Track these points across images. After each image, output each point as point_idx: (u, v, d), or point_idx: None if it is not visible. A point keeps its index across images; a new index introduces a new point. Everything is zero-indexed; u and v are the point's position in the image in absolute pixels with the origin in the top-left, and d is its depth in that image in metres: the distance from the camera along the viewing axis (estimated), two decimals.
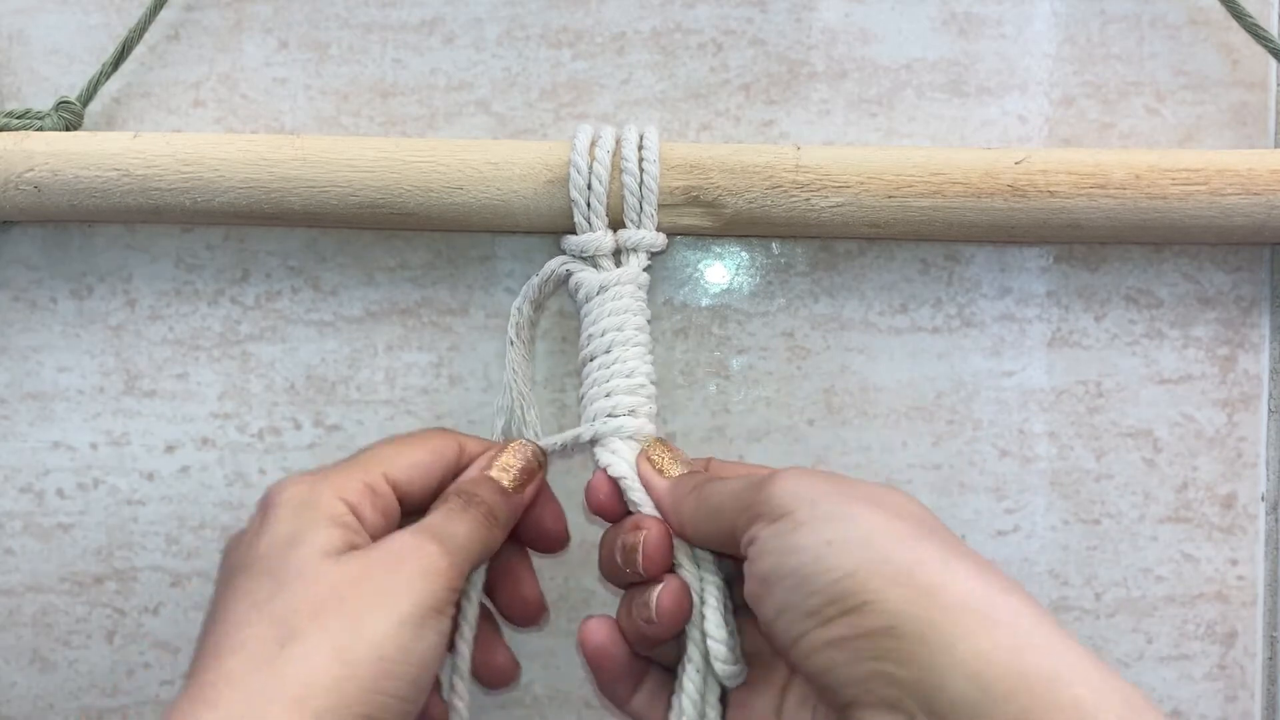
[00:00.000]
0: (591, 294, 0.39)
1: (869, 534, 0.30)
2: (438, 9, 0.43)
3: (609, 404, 0.38)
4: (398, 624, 0.32)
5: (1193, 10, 0.43)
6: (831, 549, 0.30)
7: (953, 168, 0.39)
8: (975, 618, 0.27)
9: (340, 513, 0.35)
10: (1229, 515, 0.43)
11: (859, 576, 0.29)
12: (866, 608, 0.28)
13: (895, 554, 0.29)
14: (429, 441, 0.38)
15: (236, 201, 0.39)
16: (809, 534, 0.30)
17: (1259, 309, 0.43)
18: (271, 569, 0.34)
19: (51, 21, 0.43)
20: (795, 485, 0.32)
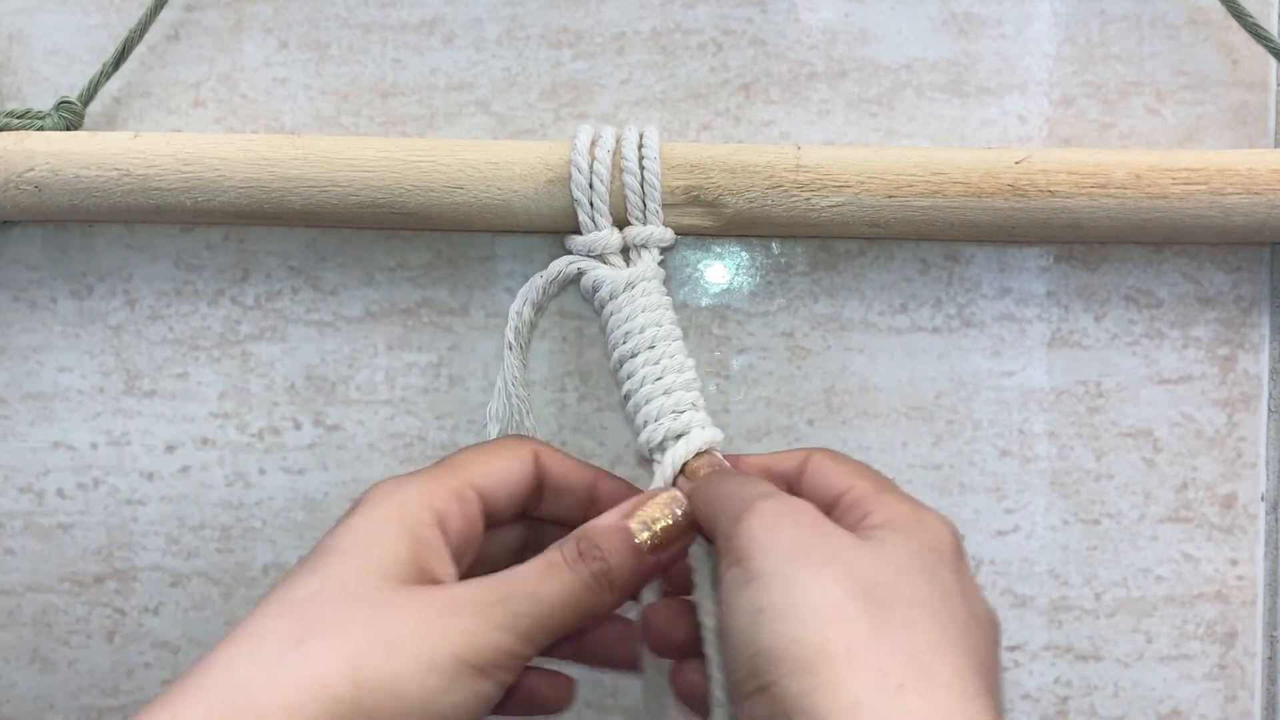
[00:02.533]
0: (617, 291, 0.39)
1: (797, 608, 0.28)
2: (438, 9, 0.43)
3: (671, 401, 0.38)
4: (425, 667, 0.29)
5: (1193, 10, 0.43)
6: (758, 619, 0.28)
7: (953, 168, 0.39)
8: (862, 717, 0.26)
9: (422, 522, 0.33)
10: (1229, 515, 0.43)
11: (770, 657, 0.28)
12: (771, 690, 0.27)
13: (808, 638, 0.28)
14: (508, 449, 0.36)
15: (237, 201, 0.39)
16: (747, 595, 0.29)
17: (1259, 309, 0.43)
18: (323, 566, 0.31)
19: (51, 21, 0.43)
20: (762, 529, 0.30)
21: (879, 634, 0.28)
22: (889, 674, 0.27)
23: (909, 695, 0.27)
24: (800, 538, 0.30)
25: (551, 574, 0.32)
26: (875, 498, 0.34)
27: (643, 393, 0.38)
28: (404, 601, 0.31)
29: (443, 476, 0.34)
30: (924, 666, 0.28)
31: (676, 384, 0.38)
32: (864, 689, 0.27)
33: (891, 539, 0.32)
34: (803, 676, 0.27)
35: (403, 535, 0.32)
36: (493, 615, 0.31)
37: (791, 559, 0.30)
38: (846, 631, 0.28)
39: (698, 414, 0.38)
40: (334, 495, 0.44)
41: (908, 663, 0.28)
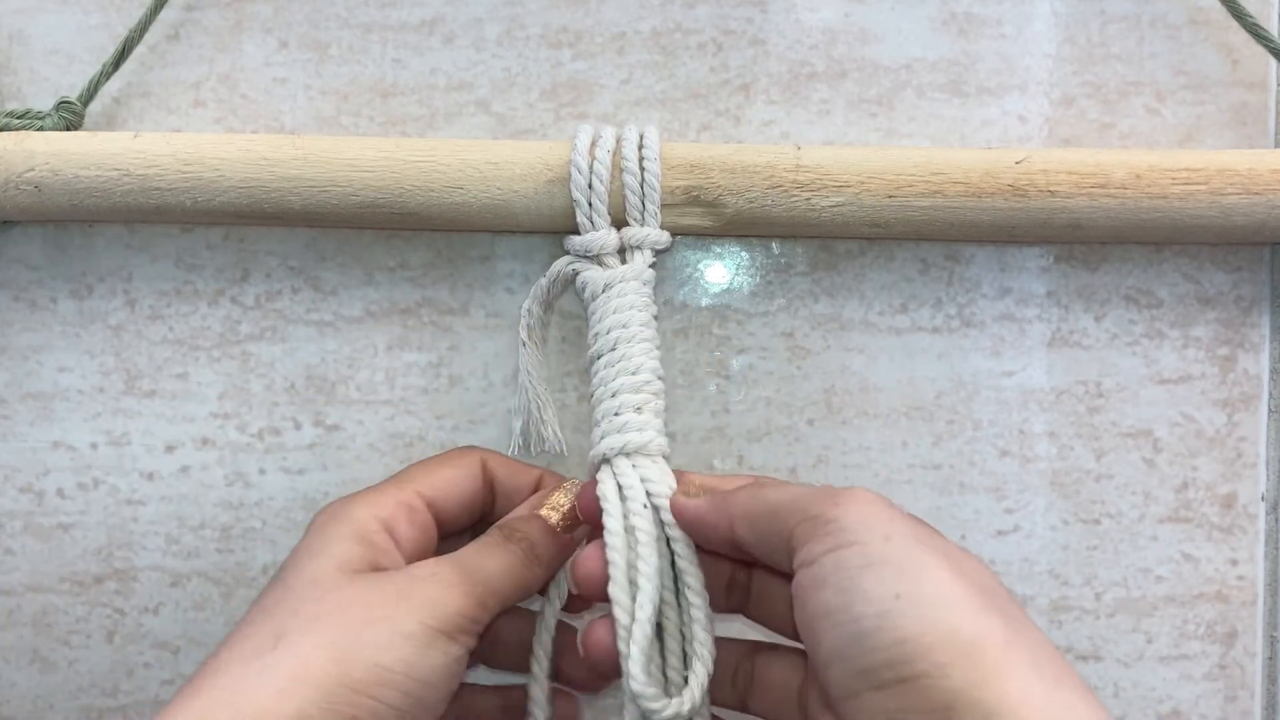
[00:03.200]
0: (597, 292, 0.39)
1: (940, 596, 0.27)
2: (438, 9, 0.43)
3: (614, 404, 0.38)
4: (400, 637, 0.32)
5: (1193, 10, 0.43)
6: (899, 605, 0.27)
7: (953, 168, 0.39)
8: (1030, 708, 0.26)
9: (369, 529, 0.35)
10: (1229, 515, 0.43)
11: (923, 644, 0.27)
12: (925, 681, 0.26)
13: (964, 626, 0.27)
14: (455, 459, 0.39)
15: (237, 201, 0.39)
16: (877, 580, 0.28)
17: (1259, 309, 0.43)
18: (285, 578, 0.34)
19: (51, 21, 0.43)
20: (870, 513, 0.30)
21: (1015, 629, 0.28)
22: (1044, 669, 0.27)
23: (1065, 690, 0.27)
24: (912, 526, 0.30)
25: (489, 551, 0.36)
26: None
27: (596, 395, 0.39)
28: (367, 584, 0.33)
29: (388, 489, 0.37)
30: (1060, 663, 0.28)
31: (625, 387, 0.38)
32: (1028, 681, 0.26)
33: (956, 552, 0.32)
34: (964, 667, 0.26)
35: (353, 539, 0.34)
36: (448, 583, 0.33)
37: (917, 545, 0.29)
38: (994, 624, 0.27)
39: (639, 417, 0.38)
40: (334, 495, 0.44)
41: (1050, 660, 0.28)
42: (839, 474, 0.43)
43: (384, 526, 0.35)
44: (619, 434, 0.38)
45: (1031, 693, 0.26)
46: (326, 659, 0.31)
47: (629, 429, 0.38)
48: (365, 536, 0.35)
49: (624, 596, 0.35)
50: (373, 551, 0.34)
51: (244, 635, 0.32)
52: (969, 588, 0.28)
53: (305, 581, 0.33)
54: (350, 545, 0.34)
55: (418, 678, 0.32)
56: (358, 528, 0.35)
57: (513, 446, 0.42)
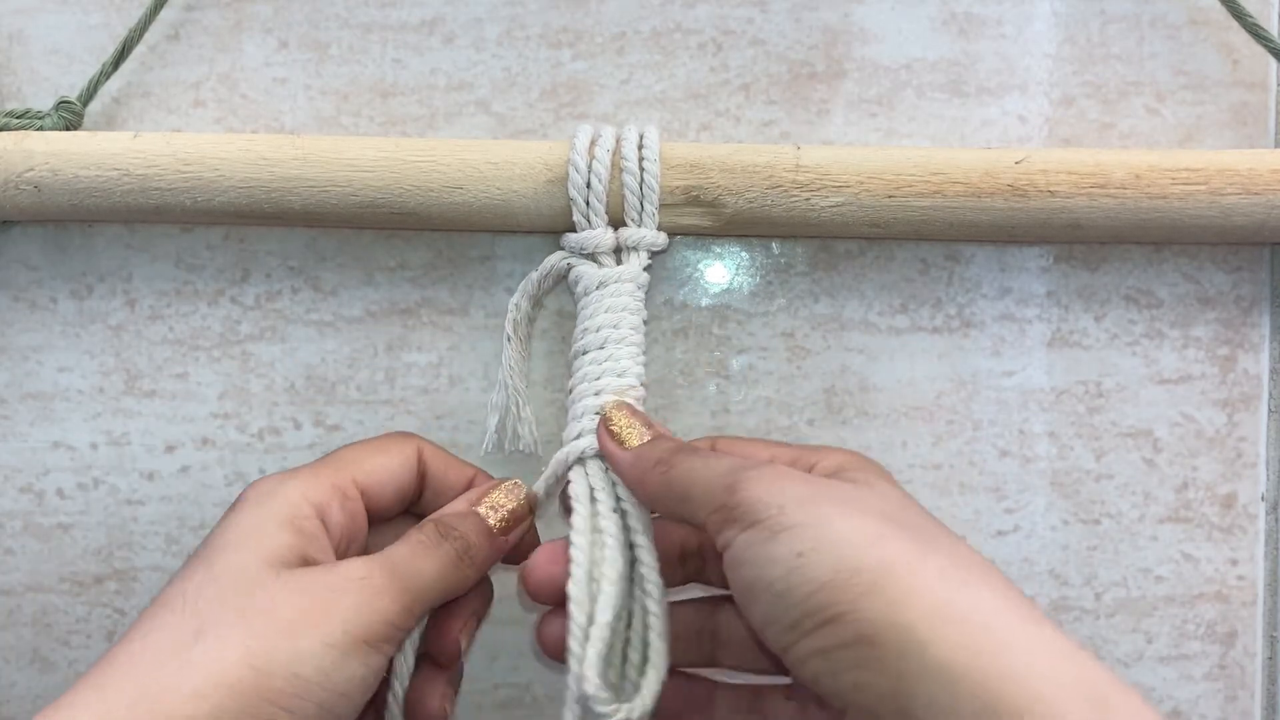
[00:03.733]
0: (590, 289, 0.39)
1: (839, 542, 0.29)
2: (438, 9, 0.43)
3: (596, 402, 0.38)
4: (322, 645, 0.31)
5: (1193, 10, 0.43)
6: (804, 561, 0.29)
7: (953, 168, 0.39)
8: (943, 620, 0.27)
9: (302, 515, 0.34)
10: (1229, 515, 0.43)
11: (832, 588, 0.29)
12: (842, 619, 0.28)
13: (865, 562, 0.29)
14: (391, 445, 0.38)
15: (236, 201, 0.39)
16: (782, 545, 0.30)
17: (1259, 309, 0.43)
18: (211, 560, 0.33)
19: (51, 21, 0.43)
20: (766, 490, 0.31)
21: (923, 549, 0.29)
22: (951, 575, 0.29)
23: (976, 589, 0.28)
24: (806, 488, 0.32)
25: (423, 553, 0.34)
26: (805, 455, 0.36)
27: (577, 391, 0.38)
28: (293, 583, 0.32)
29: (324, 472, 0.36)
30: (974, 567, 0.29)
31: (609, 387, 0.38)
32: (938, 591, 0.28)
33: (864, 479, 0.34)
34: (876, 595, 0.28)
35: (284, 526, 0.33)
36: (378, 590, 0.33)
37: (812, 504, 0.31)
38: (898, 549, 0.29)
39: None
40: None
41: (960, 566, 0.29)
42: None
43: (317, 512, 0.34)
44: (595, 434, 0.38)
45: (941, 600, 0.28)
46: (246, 664, 0.30)
47: None
48: (297, 523, 0.34)
49: (583, 597, 0.34)
50: (303, 540, 0.33)
51: (162, 622, 0.31)
52: (869, 523, 0.30)
53: (233, 571, 0.32)
54: (281, 534, 0.33)
55: (334, 689, 0.31)
56: (290, 513, 0.34)
57: (486, 443, 0.42)
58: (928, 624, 0.27)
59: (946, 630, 0.27)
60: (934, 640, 0.27)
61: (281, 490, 0.35)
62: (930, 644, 0.27)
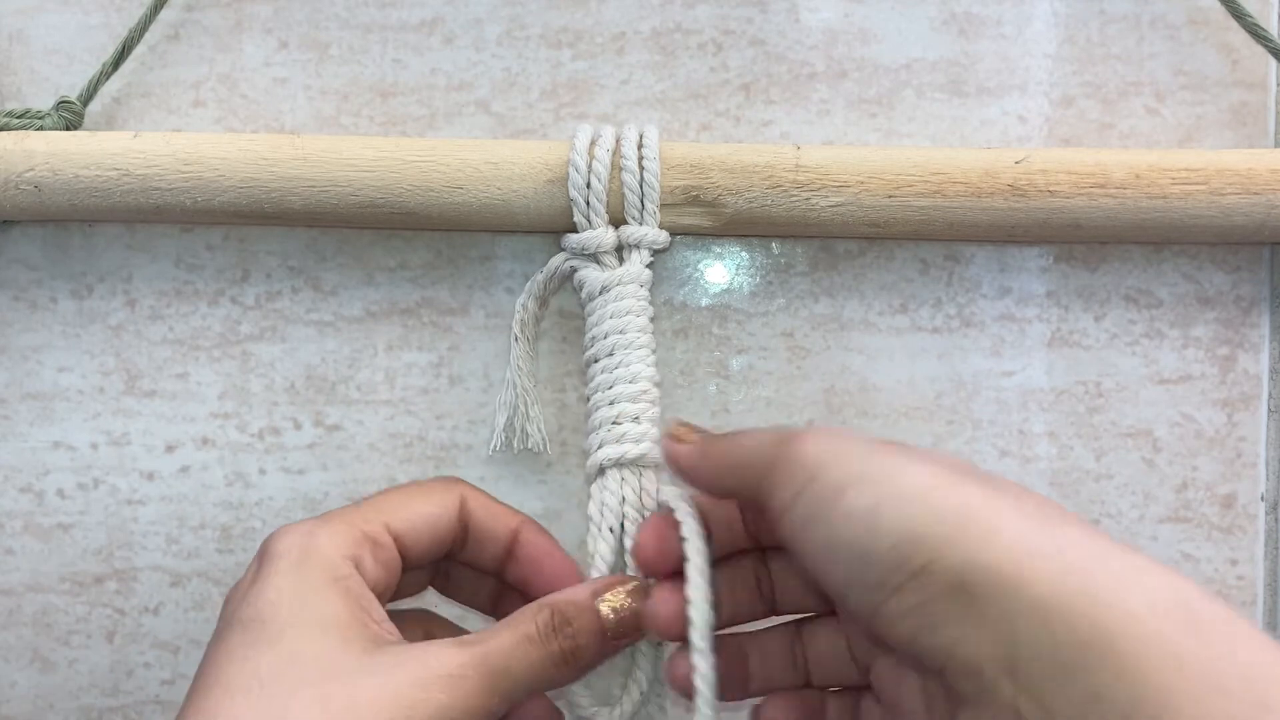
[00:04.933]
0: (594, 293, 0.39)
1: (912, 490, 0.28)
2: (438, 9, 0.43)
3: (613, 412, 0.38)
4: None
5: (1193, 10, 0.43)
6: (879, 512, 0.28)
7: (953, 168, 0.39)
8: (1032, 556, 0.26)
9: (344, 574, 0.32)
10: (1229, 515, 0.43)
11: (916, 536, 0.27)
12: (930, 568, 0.27)
13: (944, 507, 0.27)
14: (433, 493, 0.36)
15: (236, 201, 0.39)
16: (855, 497, 0.28)
17: (1259, 309, 0.43)
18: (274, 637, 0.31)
19: (51, 21, 0.43)
20: (823, 444, 0.30)
21: (995, 491, 0.28)
22: (1033, 514, 0.27)
23: (1059, 525, 0.27)
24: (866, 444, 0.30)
25: (523, 648, 0.32)
26: None
27: (593, 401, 0.39)
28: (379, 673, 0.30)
29: (354, 519, 0.34)
30: (1051, 507, 0.28)
31: (623, 395, 0.38)
32: (1023, 530, 0.27)
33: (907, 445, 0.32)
34: (961, 540, 0.26)
35: (333, 589, 0.32)
36: (471, 691, 0.31)
37: (876, 458, 0.29)
38: (972, 492, 0.28)
39: (638, 427, 0.38)
40: (334, 495, 0.44)
41: (1039, 507, 0.28)
42: None
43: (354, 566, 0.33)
44: (617, 444, 0.38)
45: (1028, 538, 0.26)
46: None
47: (627, 439, 0.38)
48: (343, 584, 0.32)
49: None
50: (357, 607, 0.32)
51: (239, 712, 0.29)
52: (939, 471, 0.29)
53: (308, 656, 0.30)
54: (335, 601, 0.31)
55: None
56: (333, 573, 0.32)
57: (494, 442, 0.42)
58: (1018, 562, 0.26)
59: (1037, 566, 0.26)
60: (1028, 579, 0.26)
61: (315, 547, 0.32)
62: (1024, 583, 0.25)
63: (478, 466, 0.43)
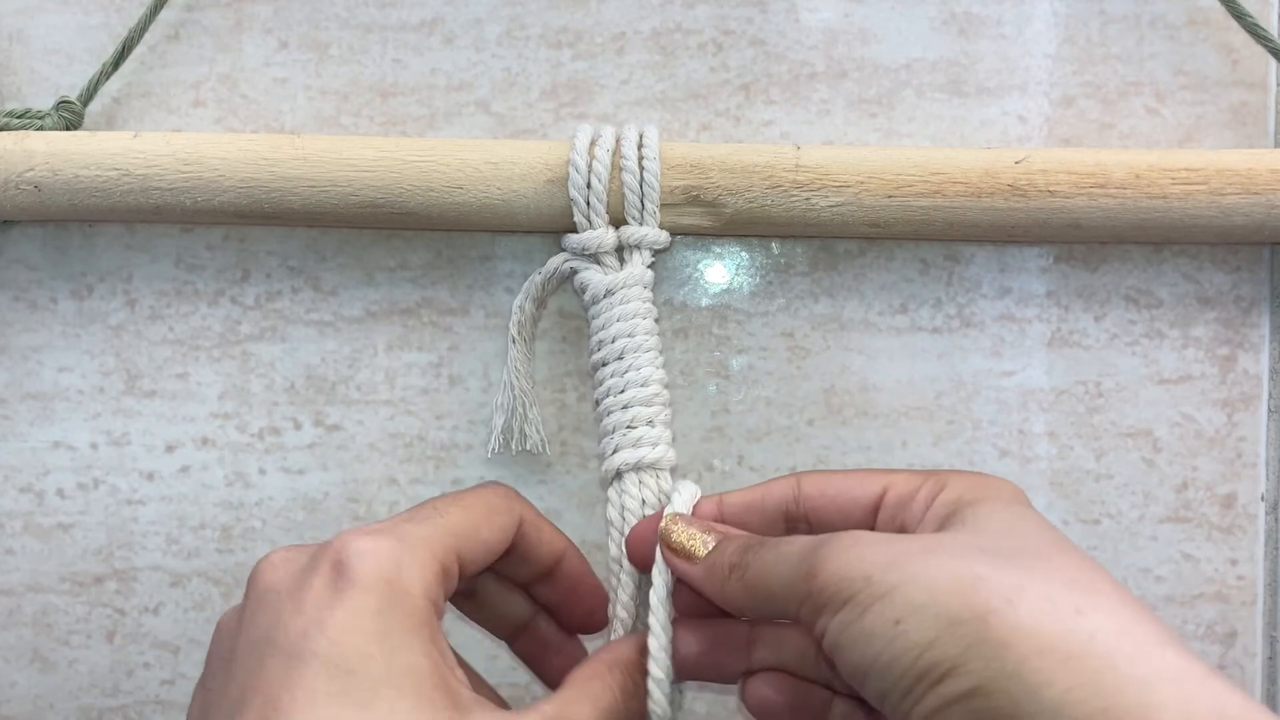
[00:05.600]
0: (599, 296, 0.39)
1: (932, 599, 0.28)
2: (438, 9, 0.43)
3: (627, 416, 0.38)
4: None
5: (1193, 10, 0.43)
6: (902, 628, 0.28)
7: (953, 167, 0.39)
8: (1055, 658, 0.26)
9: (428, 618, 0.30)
10: (1229, 515, 0.43)
11: (936, 647, 0.27)
12: (952, 675, 0.27)
13: (964, 613, 0.27)
14: (496, 516, 0.35)
15: (236, 201, 0.39)
16: (876, 618, 0.29)
17: (1259, 309, 0.43)
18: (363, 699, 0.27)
19: (51, 21, 0.43)
20: (846, 566, 0.30)
21: (1028, 578, 0.28)
22: (1062, 604, 0.27)
23: (1091, 616, 0.27)
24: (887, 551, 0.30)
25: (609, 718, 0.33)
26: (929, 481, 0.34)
27: (604, 405, 0.39)
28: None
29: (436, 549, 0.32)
30: (1089, 588, 0.28)
31: (636, 399, 0.38)
32: (1047, 626, 0.27)
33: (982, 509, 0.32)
34: (981, 644, 0.27)
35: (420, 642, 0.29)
36: None
37: (897, 567, 0.29)
38: (997, 588, 0.28)
39: (653, 431, 0.39)
40: (334, 495, 0.44)
41: (1073, 589, 0.28)
42: None
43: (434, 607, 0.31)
44: (634, 448, 0.38)
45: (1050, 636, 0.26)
46: None
47: (644, 443, 0.38)
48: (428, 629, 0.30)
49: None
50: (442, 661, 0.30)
51: None
52: (962, 568, 0.29)
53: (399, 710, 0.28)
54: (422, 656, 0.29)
55: None
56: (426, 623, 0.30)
57: (492, 444, 0.42)
58: (1037, 665, 0.26)
59: (1059, 669, 0.26)
60: (1047, 682, 0.26)
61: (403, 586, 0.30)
62: (1043, 686, 0.26)
63: (478, 467, 0.43)
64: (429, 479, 0.44)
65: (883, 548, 0.30)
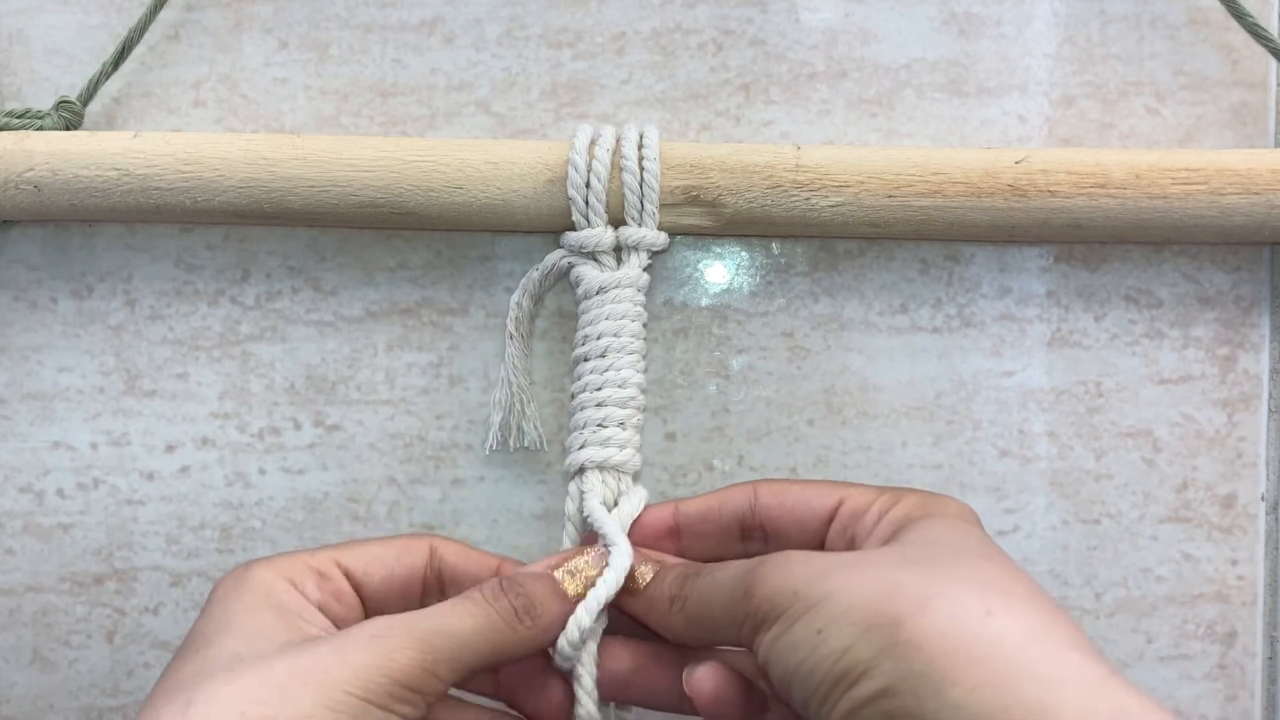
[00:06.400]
0: (590, 292, 0.39)
1: (852, 607, 0.29)
2: (438, 9, 0.43)
3: (600, 414, 0.39)
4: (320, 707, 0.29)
5: (1193, 10, 0.43)
6: (823, 636, 0.29)
7: (953, 167, 0.39)
8: (961, 659, 0.27)
9: (279, 591, 0.33)
10: (1229, 515, 0.43)
11: (853, 652, 0.29)
12: (865, 677, 0.28)
13: (879, 619, 0.29)
14: (395, 540, 0.37)
15: (236, 201, 0.39)
16: (801, 629, 0.30)
17: (1259, 309, 0.43)
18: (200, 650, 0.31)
19: (51, 21, 0.43)
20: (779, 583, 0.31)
21: (944, 584, 0.29)
22: (972, 607, 0.28)
23: (1001, 618, 0.28)
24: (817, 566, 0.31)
25: (464, 609, 0.33)
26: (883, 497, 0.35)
27: (579, 400, 0.39)
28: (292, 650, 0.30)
29: (299, 556, 0.35)
30: (1002, 592, 0.29)
31: (611, 399, 0.39)
32: (956, 628, 0.28)
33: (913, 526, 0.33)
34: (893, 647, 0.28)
35: (268, 608, 0.32)
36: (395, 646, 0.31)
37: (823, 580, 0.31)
38: (912, 594, 0.29)
39: (623, 433, 0.39)
40: (334, 495, 0.44)
41: (987, 593, 0.29)
42: (839, 474, 0.43)
43: (292, 585, 0.33)
44: (601, 447, 0.39)
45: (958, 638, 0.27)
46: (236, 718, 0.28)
47: (611, 444, 0.39)
48: (275, 599, 0.32)
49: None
50: (291, 618, 0.32)
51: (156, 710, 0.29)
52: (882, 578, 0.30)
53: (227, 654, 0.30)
54: (264, 613, 0.32)
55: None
56: (265, 593, 0.32)
57: (490, 441, 0.42)
58: (944, 665, 0.27)
59: (964, 670, 0.27)
60: (952, 681, 0.27)
61: (250, 575, 0.33)
62: (948, 685, 0.27)
63: (477, 466, 0.43)
64: (429, 479, 0.44)
65: (813, 564, 0.32)
